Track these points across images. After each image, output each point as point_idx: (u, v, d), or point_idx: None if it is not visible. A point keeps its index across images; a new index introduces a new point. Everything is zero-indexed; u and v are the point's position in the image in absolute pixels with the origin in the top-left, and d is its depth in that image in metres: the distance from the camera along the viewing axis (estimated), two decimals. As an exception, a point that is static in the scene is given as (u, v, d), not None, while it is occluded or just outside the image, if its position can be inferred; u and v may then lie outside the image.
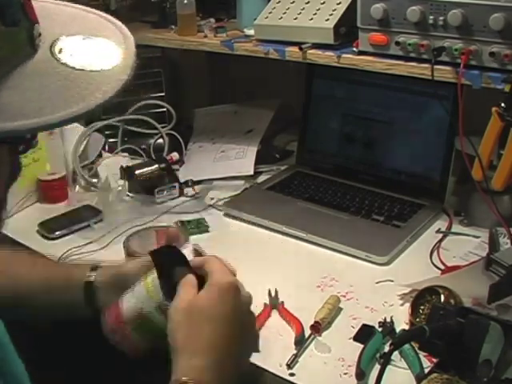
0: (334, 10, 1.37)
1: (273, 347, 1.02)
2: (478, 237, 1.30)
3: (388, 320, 1.05)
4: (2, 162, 0.63)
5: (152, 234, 1.25)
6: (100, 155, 1.67)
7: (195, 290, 0.83)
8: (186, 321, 0.80)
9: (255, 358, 0.99)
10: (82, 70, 0.59)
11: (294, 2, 1.45)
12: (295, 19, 1.41)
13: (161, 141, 1.73)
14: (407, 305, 1.08)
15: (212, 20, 1.67)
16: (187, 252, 0.94)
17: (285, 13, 1.44)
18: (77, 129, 1.67)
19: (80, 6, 0.70)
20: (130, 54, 0.64)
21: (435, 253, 1.26)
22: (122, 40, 0.65)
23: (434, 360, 0.93)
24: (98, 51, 0.63)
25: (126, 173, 1.55)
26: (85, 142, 1.63)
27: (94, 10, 0.70)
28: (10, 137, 0.57)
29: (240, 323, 0.82)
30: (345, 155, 1.56)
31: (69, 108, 0.57)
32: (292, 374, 0.97)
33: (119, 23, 0.68)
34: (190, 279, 0.84)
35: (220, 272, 0.84)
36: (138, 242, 1.22)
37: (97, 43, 0.63)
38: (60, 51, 0.60)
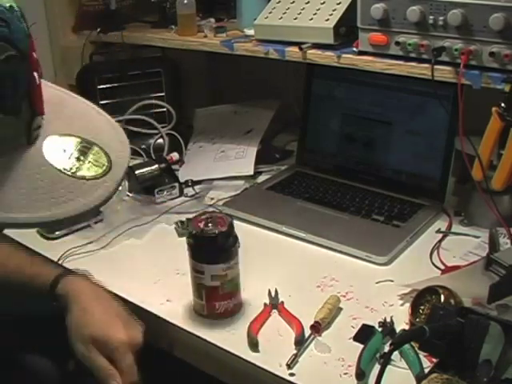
0: (333, 10, 1.37)
1: (273, 347, 1.02)
2: (478, 237, 1.29)
3: (388, 320, 1.05)
4: None
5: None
6: (100, 155, 1.67)
7: None
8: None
9: (255, 358, 1.00)
10: (69, 175, 0.59)
11: (294, 1, 1.45)
12: (295, 19, 1.41)
13: (161, 141, 1.73)
14: (407, 305, 1.08)
15: (212, 20, 1.67)
16: None
17: (285, 13, 1.44)
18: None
19: (93, 105, 0.70)
20: (121, 164, 0.67)
21: (435, 253, 1.26)
22: (117, 148, 0.68)
23: (434, 360, 0.93)
24: (91, 159, 0.63)
25: (126, 173, 1.54)
26: (85, 142, 1.63)
27: (103, 112, 0.71)
28: None
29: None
30: (345, 155, 1.56)
31: (50, 211, 0.56)
32: (292, 374, 0.97)
33: (120, 130, 0.71)
34: None
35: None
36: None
37: (92, 151, 0.63)
38: (53, 150, 0.60)
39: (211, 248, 1.08)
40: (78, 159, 0.61)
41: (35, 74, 0.60)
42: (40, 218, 0.57)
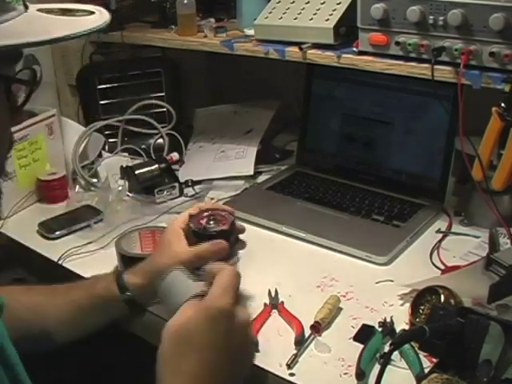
0: (333, 10, 1.37)
1: (273, 347, 1.02)
2: (478, 237, 1.29)
3: (388, 320, 1.05)
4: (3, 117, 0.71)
5: (136, 236, 1.27)
6: (100, 155, 1.67)
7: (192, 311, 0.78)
8: (173, 347, 0.77)
9: (255, 358, 1.00)
10: (68, 15, 0.71)
11: (294, 1, 1.45)
12: (295, 19, 1.41)
13: (161, 141, 1.73)
14: (407, 305, 1.08)
15: (212, 20, 1.67)
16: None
17: (285, 13, 1.44)
18: (77, 129, 1.67)
19: None
20: (102, 10, 0.75)
21: (435, 253, 1.26)
22: (93, 6, 0.76)
23: (434, 360, 0.93)
24: (77, 8, 0.75)
25: (126, 173, 1.55)
26: (85, 142, 1.64)
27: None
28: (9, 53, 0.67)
29: (231, 349, 0.77)
30: (345, 155, 1.56)
31: (65, 32, 0.67)
32: (292, 374, 0.97)
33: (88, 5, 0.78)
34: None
35: (218, 293, 0.79)
36: (125, 242, 1.25)
37: (76, 11, 0.74)
38: (47, 12, 0.71)
39: None
40: (69, 12, 0.73)
41: None
42: (68, 34, 0.67)
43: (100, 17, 0.73)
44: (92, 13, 0.74)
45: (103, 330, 1.06)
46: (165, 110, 1.75)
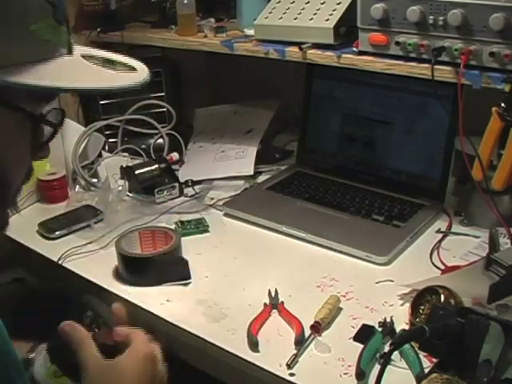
0: (333, 10, 1.37)
1: (273, 347, 1.02)
2: (478, 237, 1.29)
3: (388, 320, 1.05)
4: (25, 150, 0.71)
5: (136, 236, 1.29)
6: (100, 155, 1.67)
7: (96, 351, 0.84)
8: (104, 380, 0.82)
9: (255, 358, 1.00)
10: (109, 68, 0.72)
11: (294, 1, 1.45)
12: (295, 19, 1.41)
13: (161, 141, 1.73)
14: (407, 305, 1.08)
15: (212, 20, 1.67)
16: None
17: (285, 13, 1.44)
18: (77, 129, 1.67)
19: None
20: (144, 68, 0.76)
21: (435, 253, 1.26)
22: (136, 62, 0.77)
23: (434, 360, 0.93)
24: (119, 64, 0.75)
25: (126, 173, 1.55)
26: (85, 142, 1.63)
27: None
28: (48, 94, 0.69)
29: None
30: (345, 155, 1.56)
31: (102, 83, 0.69)
32: (292, 374, 0.97)
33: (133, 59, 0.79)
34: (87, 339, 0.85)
35: (142, 343, 0.86)
36: (125, 242, 1.26)
37: (117, 62, 0.75)
38: (90, 58, 0.72)
39: None
40: (110, 64, 0.74)
41: None
42: (108, 85, 0.69)
43: (139, 74, 0.73)
44: (133, 69, 0.74)
45: None
46: (165, 110, 1.75)
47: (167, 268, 1.20)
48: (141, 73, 0.74)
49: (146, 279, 1.20)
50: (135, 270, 1.22)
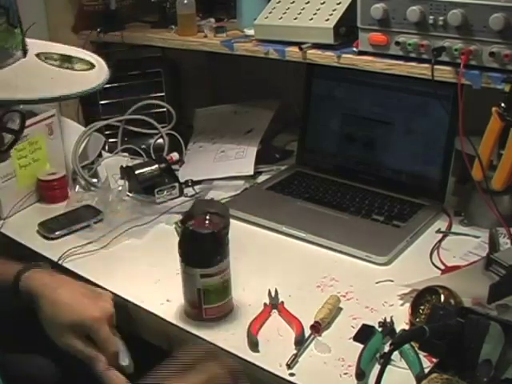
0: (333, 10, 1.37)
1: (273, 347, 1.02)
2: (478, 237, 1.29)
3: (388, 320, 1.05)
4: None
5: None
6: (100, 155, 1.67)
7: None
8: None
9: (255, 358, 1.00)
10: (67, 68, 0.70)
11: (294, 1, 1.45)
12: (295, 19, 1.41)
13: (161, 141, 1.73)
14: (407, 305, 1.08)
15: (212, 20, 1.67)
16: None
17: (285, 13, 1.44)
18: (77, 129, 1.67)
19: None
20: (102, 64, 0.75)
21: (435, 253, 1.26)
22: (94, 57, 0.76)
23: (434, 360, 0.93)
24: (77, 62, 0.73)
25: (126, 173, 1.55)
26: (85, 142, 1.63)
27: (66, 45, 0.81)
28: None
29: None
30: (345, 155, 1.56)
31: (61, 90, 0.67)
32: (292, 374, 0.97)
33: (89, 52, 0.79)
34: None
35: None
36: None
37: (74, 59, 0.74)
38: (46, 59, 0.70)
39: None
40: (68, 62, 0.72)
41: None
42: (67, 92, 0.67)
43: (98, 73, 0.72)
44: (92, 66, 0.73)
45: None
46: (165, 110, 1.75)
47: None
48: (100, 70, 0.73)
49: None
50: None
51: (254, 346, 1.02)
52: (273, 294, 1.13)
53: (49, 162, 1.57)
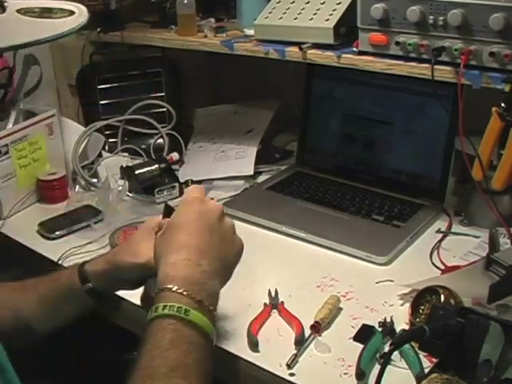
0: (333, 10, 1.37)
1: (273, 347, 1.02)
2: (478, 237, 1.29)
3: (388, 320, 1.05)
4: None
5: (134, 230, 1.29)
6: (100, 155, 1.67)
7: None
8: (161, 238, 0.92)
9: (255, 358, 1.00)
10: (46, 17, 0.72)
11: (294, 1, 1.45)
12: (295, 19, 1.41)
13: (161, 141, 1.73)
14: (407, 305, 1.08)
15: (212, 20, 1.67)
16: None
17: (285, 13, 1.44)
18: (77, 129, 1.67)
19: None
20: (83, 9, 0.77)
21: (435, 253, 1.26)
22: (76, 5, 0.77)
23: (434, 360, 0.93)
24: (56, 11, 0.75)
25: (126, 173, 1.55)
26: (85, 142, 1.63)
27: None
28: None
29: (209, 226, 0.91)
30: (345, 155, 1.56)
31: (41, 34, 0.68)
32: (292, 374, 0.97)
33: (73, 2, 0.80)
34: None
35: (187, 192, 0.99)
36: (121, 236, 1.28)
37: (54, 9, 0.76)
38: (25, 12, 0.72)
39: None
40: (47, 13, 0.74)
41: None
42: (47, 38, 0.70)
43: (77, 18, 0.74)
44: (72, 13, 0.74)
45: (79, 320, 1.05)
46: (165, 110, 1.75)
47: None
48: (79, 15, 0.74)
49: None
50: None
51: (254, 345, 1.02)
52: (273, 294, 1.13)
53: (49, 162, 1.57)
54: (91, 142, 1.65)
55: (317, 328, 1.04)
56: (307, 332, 1.04)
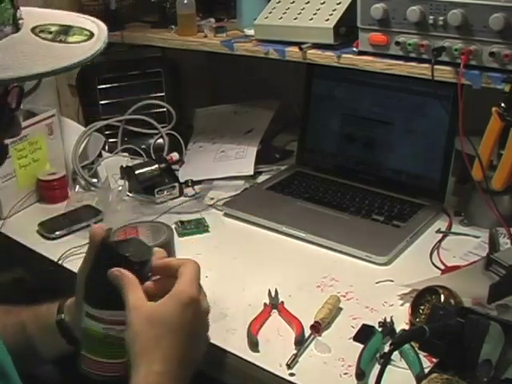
0: (333, 10, 1.37)
1: (273, 347, 1.02)
2: (478, 237, 1.29)
3: (388, 320, 1.05)
4: None
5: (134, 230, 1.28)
6: (100, 155, 1.67)
7: (142, 294, 0.84)
8: (146, 330, 0.82)
9: (255, 358, 1.00)
10: (60, 41, 0.68)
11: (294, 1, 1.45)
12: (295, 19, 1.41)
13: (161, 141, 1.73)
14: (407, 305, 1.08)
15: (212, 20, 1.67)
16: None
17: (285, 13, 1.44)
18: (77, 129, 1.67)
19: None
20: (103, 30, 0.72)
21: (435, 253, 1.26)
22: (94, 25, 0.73)
23: (434, 360, 0.93)
24: (74, 33, 0.71)
25: (126, 173, 1.55)
26: (85, 142, 1.63)
27: (71, 12, 0.78)
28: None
29: (196, 334, 0.86)
30: (345, 155, 1.56)
31: (48, 66, 0.64)
32: (292, 374, 0.97)
33: (95, 19, 0.76)
34: (131, 280, 0.85)
35: (186, 283, 0.86)
36: (121, 236, 1.24)
37: (73, 29, 0.71)
38: (40, 32, 0.68)
39: None
40: (63, 34, 0.70)
41: None
42: (52, 68, 0.65)
43: (94, 44, 0.70)
44: (91, 36, 0.71)
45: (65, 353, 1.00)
46: (165, 110, 1.75)
47: None
48: (97, 39, 0.70)
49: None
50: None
51: (254, 345, 1.02)
52: (273, 294, 1.13)
53: (49, 162, 1.57)
54: (91, 142, 1.65)
55: (317, 328, 1.04)
56: (307, 332, 1.04)
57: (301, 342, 1.02)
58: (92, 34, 0.71)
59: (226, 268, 1.24)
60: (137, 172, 1.53)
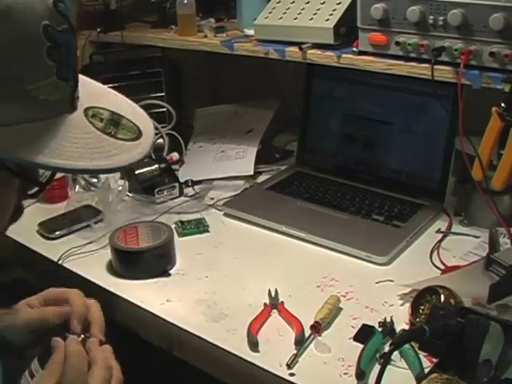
0: (334, 10, 1.37)
1: (273, 347, 1.02)
2: (478, 237, 1.29)
3: (388, 320, 1.05)
4: (10, 198, 0.69)
5: (134, 230, 1.29)
6: (100, 155, 1.67)
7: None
8: None
9: (255, 358, 1.00)
10: (109, 134, 0.67)
11: (294, 1, 1.45)
12: (295, 19, 1.41)
13: (161, 141, 1.73)
14: (407, 305, 1.08)
15: (212, 20, 1.67)
16: None
17: (285, 13, 1.44)
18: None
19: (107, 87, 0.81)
20: (149, 132, 0.73)
21: (435, 253, 1.26)
22: (141, 120, 0.75)
23: (434, 360, 0.93)
24: (124, 127, 0.70)
25: (126, 173, 1.55)
26: (85, 142, 1.63)
27: (118, 93, 0.82)
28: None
29: None
30: (345, 155, 1.56)
31: (93, 161, 0.64)
32: (292, 374, 0.97)
33: (137, 107, 0.80)
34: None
35: (100, 367, 0.81)
36: (121, 236, 1.27)
37: (123, 121, 0.71)
38: (92, 116, 0.67)
39: None
40: (113, 126, 0.69)
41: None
42: (96, 166, 0.64)
43: (136, 147, 0.68)
44: (137, 136, 0.70)
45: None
46: (165, 110, 1.75)
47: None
48: (140, 144, 0.69)
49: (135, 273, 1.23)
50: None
51: (254, 345, 1.02)
52: (273, 294, 1.13)
53: (49, 162, 1.56)
54: (91, 142, 1.65)
55: (317, 328, 1.04)
56: (307, 332, 1.04)
57: (301, 342, 1.02)
58: (139, 135, 0.71)
59: (225, 268, 1.24)
60: (137, 172, 1.53)
